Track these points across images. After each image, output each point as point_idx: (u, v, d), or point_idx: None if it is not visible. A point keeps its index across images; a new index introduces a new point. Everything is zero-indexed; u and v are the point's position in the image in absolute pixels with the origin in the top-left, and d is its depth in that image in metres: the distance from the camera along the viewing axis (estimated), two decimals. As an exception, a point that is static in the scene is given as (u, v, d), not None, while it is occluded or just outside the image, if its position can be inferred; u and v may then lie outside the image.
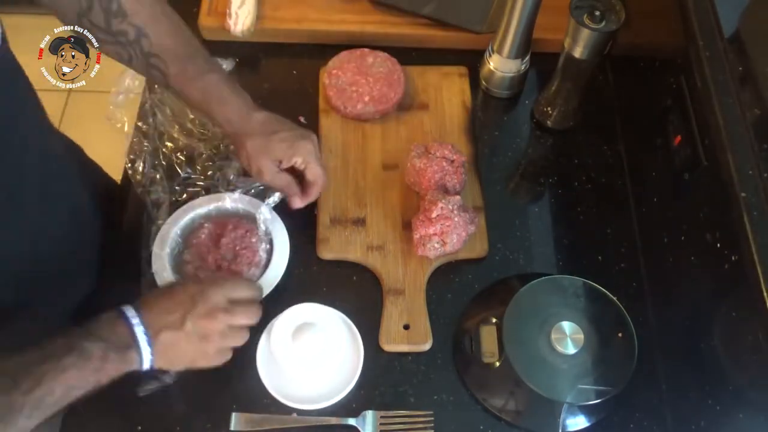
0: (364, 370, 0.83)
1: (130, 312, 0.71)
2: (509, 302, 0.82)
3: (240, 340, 0.77)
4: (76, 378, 0.66)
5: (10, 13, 1.76)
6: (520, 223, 0.96)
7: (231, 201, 0.90)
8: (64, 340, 0.67)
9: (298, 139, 0.86)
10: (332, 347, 0.80)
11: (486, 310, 0.88)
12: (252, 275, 0.86)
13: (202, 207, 0.91)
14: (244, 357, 0.83)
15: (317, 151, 0.88)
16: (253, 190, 0.92)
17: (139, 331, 0.70)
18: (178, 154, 0.97)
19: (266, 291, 0.85)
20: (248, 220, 0.90)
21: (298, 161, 0.86)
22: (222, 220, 0.90)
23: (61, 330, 0.67)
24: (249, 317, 0.77)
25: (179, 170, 0.95)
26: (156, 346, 0.71)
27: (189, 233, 0.90)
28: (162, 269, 0.85)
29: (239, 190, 0.91)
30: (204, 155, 0.96)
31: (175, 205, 0.91)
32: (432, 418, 0.82)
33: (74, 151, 0.98)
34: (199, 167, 0.96)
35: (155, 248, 0.87)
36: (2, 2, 1.87)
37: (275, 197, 0.90)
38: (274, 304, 0.85)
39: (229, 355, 0.77)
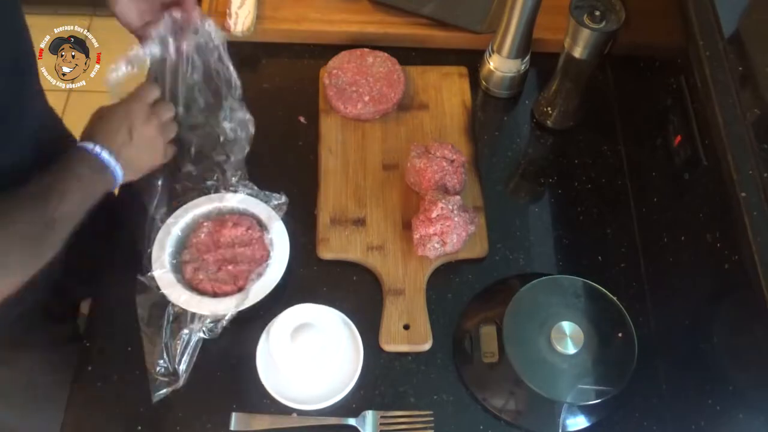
0: (364, 370, 0.83)
1: (89, 145, 0.77)
2: (509, 302, 0.82)
3: (173, 130, 0.87)
4: (84, 193, 0.74)
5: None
6: (520, 223, 0.96)
7: (232, 201, 0.90)
8: (57, 170, 0.74)
9: None
10: (331, 347, 0.80)
11: (486, 310, 0.88)
12: (253, 273, 0.86)
13: (202, 207, 0.91)
14: (243, 357, 0.83)
15: None
16: (254, 192, 0.92)
17: (105, 154, 0.77)
18: (178, 151, 0.96)
19: (266, 291, 0.85)
20: (247, 218, 0.90)
21: None
22: (221, 218, 0.90)
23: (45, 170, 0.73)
24: (168, 110, 0.86)
25: (179, 169, 0.95)
26: (120, 162, 0.78)
27: (189, 233, 0.90)
28: (162, 269, 0.85)
29: (241, 191, 0.91)
30: (203, 153, 0.96)
31: (176, 205, 0.91)
32: (432, 419, 0.82)
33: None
34: (199, 165, 0.96)
35: (155, 248, 0.87)
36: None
37: (279, 199, 0.90)
38: (274, 304, 0.85)
39: (173, 149, 0.88)
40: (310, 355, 0.79)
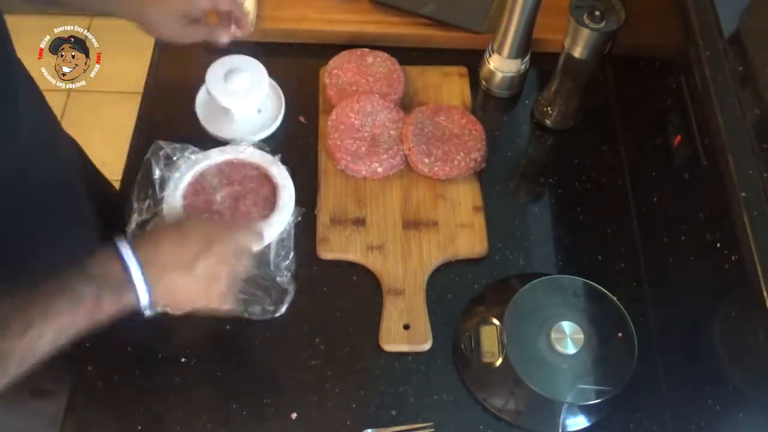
0: (364, 371, 0.83)
1: (125, 249, 0.65)
2: (509, 302, 0.82)
3: (236, 291, 0.74)
4: (68, 322, 0.62)
5: (10, 12, 1.75)
6: (520, 223, 0.96)
7: (243, 153, 0.93)
8: (55, 283, 0.62)
9: None
10: (256, 85, 0.96)
11: (486, 310, 0.88)
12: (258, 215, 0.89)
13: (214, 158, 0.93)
14: (242, 352, 0.83)
15: None
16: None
17: (134, 268, 0.64)
18: None
19: (277, 232, 0.88)
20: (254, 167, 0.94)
21: (204, 4, 0.88)
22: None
23: (53, 272, 0.63)
24: (246, 268, 0.75)
25: None
26: (160, 284, 0.66)
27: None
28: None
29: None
30: None
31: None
32: (433, 430, 0.81)
33: (79, 155, 0.97)
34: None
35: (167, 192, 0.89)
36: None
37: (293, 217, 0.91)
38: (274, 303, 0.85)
39: (230, 304, 0.74)
40: (240, 90, 0.95)
